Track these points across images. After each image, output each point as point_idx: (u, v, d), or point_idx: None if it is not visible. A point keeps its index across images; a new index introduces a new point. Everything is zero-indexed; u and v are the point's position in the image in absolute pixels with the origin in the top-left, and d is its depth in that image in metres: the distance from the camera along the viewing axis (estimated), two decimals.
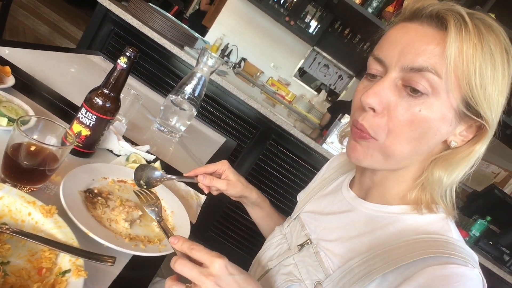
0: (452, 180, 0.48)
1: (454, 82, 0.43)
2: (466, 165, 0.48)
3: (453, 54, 0.42)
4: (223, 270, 0.42)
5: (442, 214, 0.49)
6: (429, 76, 0.43)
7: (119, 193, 0.62)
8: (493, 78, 0.44)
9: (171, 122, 1.03)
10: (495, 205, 2.04)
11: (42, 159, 0.51)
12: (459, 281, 0.41)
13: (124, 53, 0.63)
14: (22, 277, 0.37)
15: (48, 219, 0.45)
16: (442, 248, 0.44)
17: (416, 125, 0.45)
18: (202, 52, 0.99)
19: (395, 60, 0.45)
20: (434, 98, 0.44)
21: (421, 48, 0.44)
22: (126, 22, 1.81)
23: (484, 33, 0.43)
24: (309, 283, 0.52)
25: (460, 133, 0.47)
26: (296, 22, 2.93)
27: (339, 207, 0.59)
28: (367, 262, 0.47)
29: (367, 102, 0.46)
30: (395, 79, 0.46)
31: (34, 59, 0.98)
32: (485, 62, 0.43)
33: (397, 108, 0.45)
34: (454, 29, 0.43)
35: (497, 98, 0.45)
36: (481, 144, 0.47)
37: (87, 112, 0.63)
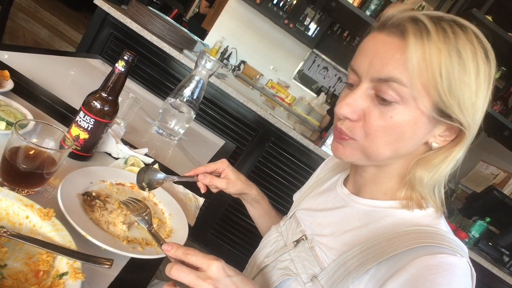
0: (434, 180, 0.49)
1: (421, 89, 0.44)
2: (447, 165, 0.49)
3: (415, 62, 0.43)
4: (220, 272, 0.42)
5: (431, 209, 0.51)
6: (395, 86, 0.45)
7: (117, 196, 0.63)
8: (463, 81, 0.44)
9: (170, 125, 1.03)
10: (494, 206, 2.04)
11: (40, 162, 0.52)
12: (448, 269, 0.42)
13: (122, 56, 0.63)
14: (19, 280, 0.37)
15: (45, 222, 0.45)
16: (432, 239, 0.45)
17: (390, 130, 0.47)
18: (201, 55, 1.00)
19: (366, 71, 0.48)
20: (404, 105, 0.46)
21: (386, 58, 0.45)
22: (125, 26, 1.82)
23: (451, 36, 0.44)
24: (304, 277, 0.54)
25: (440, 134, 0.48)
26: (295, 25, 2.95)
27: (333, 203, 0.60)
28: (360, 254, 0.49)
29: (340, 112, 0.49)
30: (367, 89, 0.48)
31: (33, 63, 0.99)
32: (452, 65, 0.43)
33: (371, 115, 0.48)
34: (413, 37, 0.44)
35: (471, 101, 0.45)
36: (460, 146, 0.48)
37: (85, 115, 0.64)
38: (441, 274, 0.42)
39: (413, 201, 0.51)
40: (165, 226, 0.62)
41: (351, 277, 0.47)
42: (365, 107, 0.48)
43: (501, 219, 2.03)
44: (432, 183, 0.50)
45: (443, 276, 0.42)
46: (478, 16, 1.86)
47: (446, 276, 0.42)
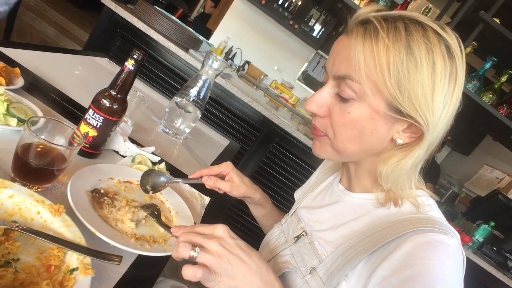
0: (394, 175, 0.50)
1: (372, 87, 0.46)
2: (405, 162, 0.49)
3: (361, 59, 0.46)
4: (225, 233, 0.46)
5: (407, 207, 0.52)
6: (349, 83, 0.48)
7: (125, 194, 0.63)
8: (414, 77, 0.45)
9: (176, 124, 1.04)
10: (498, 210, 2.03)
11: (51, 159, 0.52)
12: (438, 246, 0.44)
13: (132, 55, 0.64)
14: (32, 274, 0.38)
15: (56, 218, 0.46)
16: (424, 224, 0.47)
17: (349, 125, 0.50)
18: (208, 55, 1.00)
19: (330, 70, 0.52)
20: (360, 102, 0.48)
21: (343, 58, 0.49)
22: (131, 25, 1.83)
23: (403, 34, 0.45)
24: (304, 270, 0.55)
25: (403, 130, 0.49)
26: (300, 26, 2.95)
27: (330, 200, 0.63)
28: (356, 244, 0.50)
29: (307, 108, 0.53)
30: (332, 87, 0.52)
31: (42, 61, 1.00)
32: (401, 62, 0.44)
33: (334, 112, 0.51)
34: (357, 37, 0.47)
35: (425, 98, 0.45)
36: (420, 145, 0.49)
37: (94, 113, 0.65)
38: (431, 250, 0.43)
39: (390, 197, 0.52)
40: (172, 224, 0.63)
41: (348, 266, 0.49)
42: (329, 103, 0.52)
43: (506, 224, 2.01)
44: (393, 179, 0.50)
45: (434, 252, 0.43)
46: (485, 18, 1.85)
47: (437, 252, 0.43)
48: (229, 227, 0.47)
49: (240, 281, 0.43)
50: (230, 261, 0.43)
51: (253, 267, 0.45)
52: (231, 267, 0.43)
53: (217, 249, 0.43)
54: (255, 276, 0.44)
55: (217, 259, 0.43)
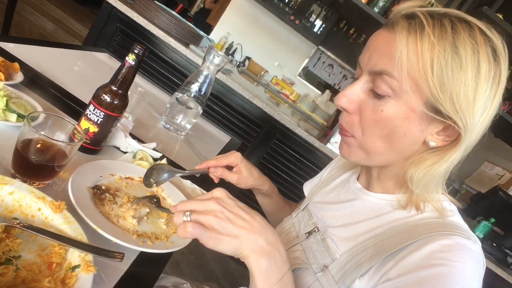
0: (425, 180, 0.48)
1: (411, 83, 0.44)
2: (439, 166, 0.47)
3: (404, 55, 0.43)
4: (223, 194, 0.45)
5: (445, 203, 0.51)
6: (387, 79, 0.45)
7: (127, 190, 0.63)
8: (457, 78, 0.43)
9: (177, 120, 1.03)
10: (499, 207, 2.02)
11: (52, 155, 0.52)
12: (461, 249, 0.42)
13: (133, 50, 0.63)
14: (33, 271, 0.38)
15: (57, 215, 0.45)
16: (446, 228, 0.46)
17: (382, 124, 0.47)
18: (209, 50, 0.99)
19: (365, 64, 0.49)
20: (395, 99, 0.46)
21: (382, 52, 0.47)
22: (131, 20, 1.81)
23: (449, 32, 0.43)
24: (315, 267, 0.54)
25: (438, 133, 0.47)
26: (301, 21, 2.92)
27: (346, 197, 0.61)
28: (373, 246, 0.49)
29: (337, 103, 0.51)
30: (366, 82, 0.49)
31: (41, 56, 0.99)
32: (446, 61, 0.42)
33: (365, 108, 0.49)
34: (402, 31, 0.44)
35: (467, 100, 0.43)
36: (456, 148, 0.46)
37: (95, 109, 0.64)
38: (454, 252, 0.42)
39: (412, 203, 0.50)
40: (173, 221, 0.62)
41: (364, 268, 0.47)
42: (361, 99, 0.49)
43: (506, 220, 2.01)
44: (424, 184, 0.48)
45: (457, 255, 0.42)
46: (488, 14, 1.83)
47: (460, 255, 0.42)
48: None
49: (243, 240, 0.41)
50: (230, 219, 0.42)
51: (256, 226, 0.43)
52: (231, 226, 0.41)
53: (215, 207, 0.42)
54: (259, 235, 0.43)
55: (214, 217, 0.41)
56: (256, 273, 0.42)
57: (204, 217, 0.42)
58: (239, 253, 0.42)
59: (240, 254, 0.42)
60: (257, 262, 0.42)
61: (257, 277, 0.42)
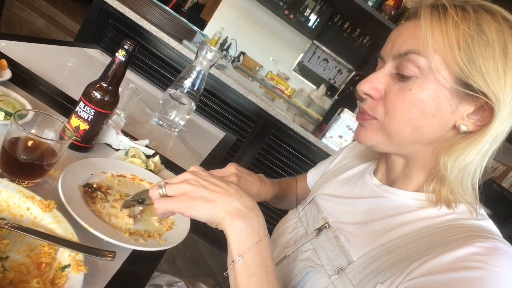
0: (460, 167, 0.44)
1: (439, 60, 0.43)
2: (474, 149, 0.44)
3: (429, 33, 0.43)
4: (198, 168, 0.46)
5: (462, 209, 0.47)
6: (414, 58, 0.44)
7: (119, 188, 0.62)
8: (485, 52, 0.42)
9: (170, 116, 1.02)
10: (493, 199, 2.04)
11: (40, 153, 0.51)
12: (503, 254, 0.39)
13: (122, 46, 0.62)
14: (22, 272, 0.37)
15: (47, 214, 0.44)
16: (480, 232, 0.42)
17: (409, 104, 0.45)
18: (201, 45, 0.98)
19: (388, 52, 0.49)
20: (424, 79, 0.45)
21: (406, 36, 0.46)
22: (123, 15, 1.79)
23: (472, 14, 0.43)
24: (329, 269, 0.50)
25: (469, 115, 0.45)
26: (295, 16, 2.90)
27: (362, 193, 0.57)
28: (398, 249, 0.45)
29: (360, 88, 0.49)
30: (390, 68, 0.48)
31: (31, 52, 0.97)
32: (472, 37, 0.42)
33: (391, 91, 0.47)
34: (427, 12, 0.45)
35: (496, 73, 0.42)
36: (491, 126, 0.43)
37: (85, 106, 0.63)
38: (495, 256, 0.39)
39: (441, 197, 0.47)
40: (167, 219, 0.62)
41: (387, 273, 0.44)
42: (386, 85, 0.48)
43: (500, 212, 2.04)
44: (459, 171, 0.45)
45: (498, 259, 0.38)
46: None
47: (501, 260, 0.38)
48: None
49: (218, 204, 0.41)
50: (205, 186, 0.42)
51: (231, 191, 0.43)
52: (205, 191, 0.42)
53: (189, 176, 0.42)
54: (235, 198, 0.42)
55: (188, 184, 0.42)
56: (231, 234, 0.41)
57: (177, 185, 0.42)
58: (214, 218, 0.42)
59: (216, 219, 0.42)
60: (231, 223, 0.41)
61: (232, 239, 0.41)
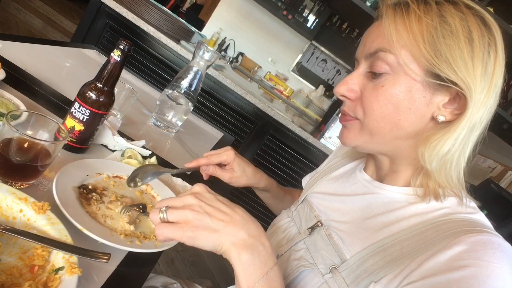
0: (438, 157, 0.45)
1: (405, 55, 0.44)
2: (449, 138, 0.44)
3: (393, 30, 0.45)
4: (203, 188, 0.43)
5: (451, 200, 0.47)
6: (382, 56, 0.46)
7: (114, 189, 0.61)
8: (451, 42, 0.43)
9: (167, 117, 1.01)
10: (491, 199, 2.05)
11: (34, 154, 0.50)
12: (497, 248, 0.39)
13: (118, 46, 0.61)
14: (14, 275, 0.36)
15: (40, 216, 0.44)
16: (472, 226, 0.42)
17: (384, 100, 0.46)
18: (198, 45, 0.98)
19: (360, 53, 0.50)
20: (395, 74, 0.46)
21: (374, 36, 0.48)
22: (121, 16, 1.78)
23: (434, 6, 0.44)
24: (322, 267, 0.50)
25: (444, 105, 0.45)
26: (294, 16, 2.90)
27: (354, 189, 0.57)
28: (392, 247, 0.45)
29: (337, 91, 0.51)
30: (363, 68, 0.50)
31: (27, 53, 0.96)
32: (435, 29, 0.43)
33: (365, 90, 0.49)
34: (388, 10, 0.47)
35: (464, 62, 0.42)
36: (466, 112, 0.44)
37: (80, 106, 0.62)
38: (489, 251, 0.38)
39: (430, 190, 0.47)
40: None
41: (381, 273, 0.43)
42: (361, 85, 0.50)
43: (498, 212, 2.04)
44: (437, 162, 0.45)
45: (494, 254, 0.38)
46: None
47: (496, 255, 0.38)
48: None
49: (223, 234, 0.39)
50: (209, 213, 0.39)
51: (237, 218, 0.40)
52: (209, 219, 0.39)
53: (193, 201, 0.40)
54: (240, 228, 0.40)
55: (191, 211, 0.39)
56: (238, 268, 0.39)
57: (180, 212, 0.39)
58: (219, 248, 0.40)
59: (221, 249, 0.40)
60: (238, 255, 0.39)
61: (240, 272, 0.39)
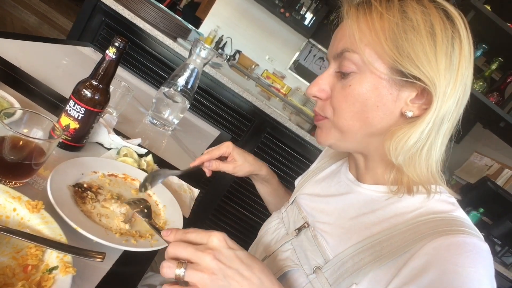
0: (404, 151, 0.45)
1: (370, 53, 0.45)
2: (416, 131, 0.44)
3: (355, 29, 0.46)
4: (222, 243, 0.39)
5: (421, 195, 0.47)
6: (348, 56, 0.47)
7: (110, 187, 0.61)
8: (413, 38, 0.43)
9: (163, 115, 1.01)
10: (488, 197, 2.06)
11: (28, 153, 0.50)
12: (471, 250, 0.38)
13: (113, 43, 0.61)
14: (6, 275, 0.36)
15: (34, 215, 0.43)
16: (450, 226, 0.42)
17: (352, 99, 0.47)
18: (195, 43, 0.97)
19: (330, 55, 0.52)
20: (361, 73, 0.47)
21: (340, 36, 0.49)
22: (117, 13, 1.77)
23: (395, 2, 0.45)
24: (307, 268, 0.51)
25: (412, 101, 0.46)
26: (291, 14, 2.89)
27: (337, 189, 0.58)
28: (371, 248, 0.45)
29: (309, 92, 0.52)
30: (333, 69, 0.51)
31: (22, 50, 0.95)
32: (396, 24, 0.44)
33: (335, 89, 0.50)
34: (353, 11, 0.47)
35: (427, 57, 0.43)
36: (431, 106, 0.44)
37: (75, 104, 0.62)
38: (464, 254, 0.37)
39: (403, 185, 0.47)
40: (159, 218, 0.61)
41: (362, 272, 0.44)
42: (331, 84, 0.51)
43: (494, 210, 2.05)
44: (404, 155, 0.45)
45: (467, 257, 0.37)
46: (476, 5, 1.83)
47: (470, 257, 0.37)
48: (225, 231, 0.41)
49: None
50: (227, 277, 0.37)
51: (255, 282, 0.38)
52: (228, 285, 0.37)
53: (211, 264, 0.37)
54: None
55: (210, 276, 0.37)
56: None
57: (199, 275, 0.37)
58: None
59: None
60: None
61: None
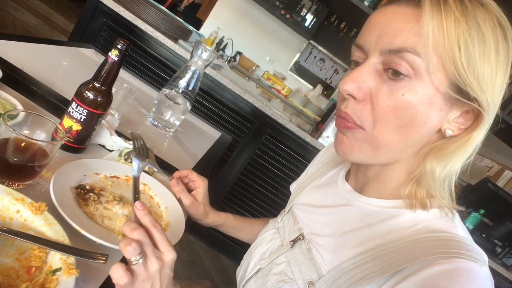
0: (447, 172, 0.43)
1: (436, 62, 0.39)
2: (462, 154, 0.43)
3: (431, 31, 0.38)
4: (170, 263, 0.44)
5: (435, 210, 0.45)
6: (408, 57, 0.39)
7: (112, 189, 0.61)
8: (483, 55, 0.39)
9: (165, 116, 1.01)
10: (488, 198, 2.06)
11: (31, 154, 0.50)
12: (465, 276, 0.36)
13: (115, 45, 0.61)
14: (10, 276, 0.36)
15: (37, 217, 0.44)
16: (447, 247, 0.40)
17: (401, 111, 0.41)
18: (196, 45, 0.97)
19: (374, 44, 0.42)
20: (418, 81, 0.40)
21: (399, 28, 0.40)
22: (118, 15, 1.77)
23: (469, 7, 0.39)
24: (301, 283, 0.50)
25: (455, 120, 0.43)
26: (292, 16, 2.90)
27: (334, 201, 0.55)
28: (364, 265, 0.44)
29: (345, 89, 0.43)
30: (375, 63, 0.42)
31: (23, 52, 0.96)
32: (472, 38, 0.38)
33: (379, 94, 0.42)
34: (429, 5, 0.39)
35: (490, 78, 0.40)
36: (478, 131, 0.42)
37: (78, 106, 0.62)
38: (456, 280, 0.36)
39: (417, 200, 0.45)
40: (161, 220, 0.61)
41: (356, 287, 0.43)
42: (373, 85, 0.42)
43: (495, 211, 2.05)
44: (444, 176, 0.43)
45: (459, 283, 0.36)
46: None
47: (463, 284, 0.36)
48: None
49: None
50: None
51: None
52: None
53: (153, 272, 0.42)
54: None
55: (146, 278, 0.42)
56: None
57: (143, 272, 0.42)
58: None
59: None
60: None
61: None
